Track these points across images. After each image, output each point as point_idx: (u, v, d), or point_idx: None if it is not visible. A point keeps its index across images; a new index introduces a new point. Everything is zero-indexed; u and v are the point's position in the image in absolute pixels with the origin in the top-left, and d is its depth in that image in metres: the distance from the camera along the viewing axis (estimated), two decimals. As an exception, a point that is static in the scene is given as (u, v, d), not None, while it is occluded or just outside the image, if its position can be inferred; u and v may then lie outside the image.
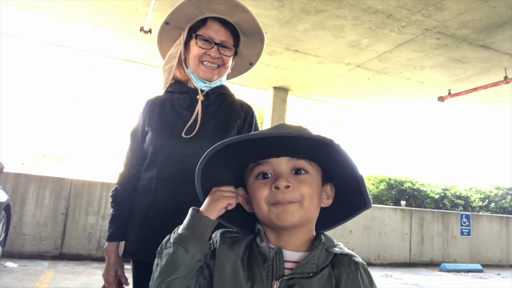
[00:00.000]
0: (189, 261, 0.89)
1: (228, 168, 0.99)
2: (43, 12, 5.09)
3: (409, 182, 10.16)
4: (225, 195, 0.96)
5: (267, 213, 0.91)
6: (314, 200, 0.93)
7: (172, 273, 0.89)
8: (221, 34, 1.46)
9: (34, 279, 4.41)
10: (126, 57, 6.61)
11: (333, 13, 4.66)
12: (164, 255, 0.91)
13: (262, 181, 0.93)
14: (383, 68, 6.26)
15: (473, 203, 10.55)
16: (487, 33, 4.88)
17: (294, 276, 0.87)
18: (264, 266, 0.90)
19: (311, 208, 0.92)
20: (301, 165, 0.93)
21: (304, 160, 0.93)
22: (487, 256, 8.92)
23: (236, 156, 0.95)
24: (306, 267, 0.88)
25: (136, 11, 4.86)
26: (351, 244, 7.59)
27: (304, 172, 0.93)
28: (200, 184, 0.99)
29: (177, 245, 0.90)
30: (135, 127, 1.54)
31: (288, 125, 0.95)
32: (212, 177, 0.99)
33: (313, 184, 0.93)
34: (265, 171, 0.93)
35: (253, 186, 0.95)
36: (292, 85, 7.45)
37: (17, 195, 5.69)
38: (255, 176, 0.95)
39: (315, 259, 0.89)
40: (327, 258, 0.91)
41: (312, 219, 0.96)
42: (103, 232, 6.02)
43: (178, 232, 0.93)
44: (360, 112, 11.79)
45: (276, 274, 0.89)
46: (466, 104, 7.79)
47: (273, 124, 7.50)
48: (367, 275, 0.90)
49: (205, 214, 0.94)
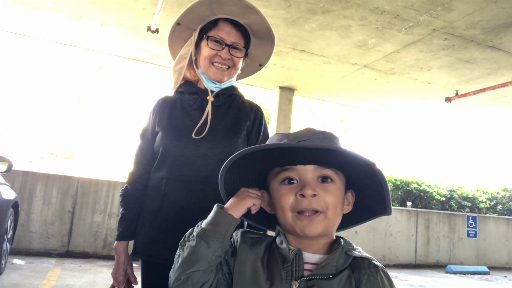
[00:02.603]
0: (210, 255, 0.91)
1: (252, 170, 0.99)
2: (51, 12, 5.13)
3: (415, 183, 10.11)
4: (251, 196, 0.98)
5: (291, 222, 0.92)
6: (338, 210, 0.94)
7: (193, 266, 0.91)
8: (232, 36, 1.46)
9: (41, 276, 4.44)
10: (133, 56, 6.64)
11: (340, 13, 4.65)
12: (187, 247, 0.93)
13: (288, 187, 0.93)
14: (390, 69, 6.24)
15: (480, 204, 10.48)
16: (496, 33, 4.84)
17: (314, 277, 0.88)
18: (284, 267, 0.91)
19: (335, 218, 0.94)
20: (327, 174, 0.93)
21: (330, 169, 0.93)
22: (494, 258, 8.85)
23: (263, 160, 0.95)
24: (325, 269, 0.89)
25: (143, 10, 4.88)
26: (357, 245, 7.45)
27: (330, 181, 0.93)
28: (223, 184, 1.00)
29: (200, 239, 0.92)
30: (145, 127, 1.54)
31: (314, 130, 0.95)
32: (234, 178, 1.00)
33: (338, 194, 0.93)
34: (291, 176, 0.93)
35: (278, 191, 0.95)
36: (298, 85, 7.44)
37: (25, 193, 5.74)
38: (280, 181, 0.95)
39: (334, 261, 0.90)
40: (347, 261, 0.92)
41: (334, 227, 0.97)
42: (109, 231, 6.06)
43: (201, 227, 0.95)
44: (366, 113, 11.75)
45: (295, 275, 0.90)
46: (474, 105, 7.73)
47: (279, 124, 7.51)
48: (387, 278, 0.91)
49: (229, 212, 0.96)
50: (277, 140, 0.94)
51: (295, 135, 0.93)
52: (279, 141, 0.93)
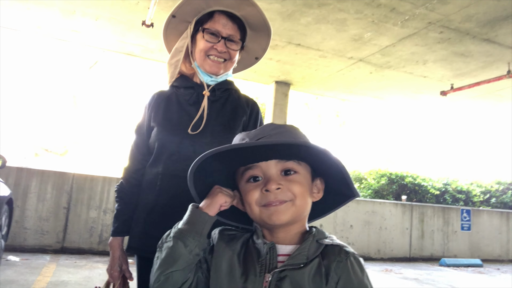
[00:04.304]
0: (188, 254, 0.93)
1: (219, 171, 1.02)
2: (44, 6, 5.06)
3: (410, 177, 10.16)
4: (223, 193, 1.00)
5: (259, 214, 0.95)
6: (305, 197, 0.96)
7: (171, 266, 0.93)
8: (228, 28, 1.44)
9: (36, 272, 4.42)
10: (128, 51, 6.58)
11: (336, 7, 4.63)
12: (164, 248, 0.95)
13: (253, 184, 0.96)
14: (386, 62, 6.24)
15: (474, 197, 10.56)
16: (491, 26, 4.84)
17: (285, 268, 0.90)
18: (258, 261, 0.94)
19: (303, 205, 0.96)
20: (290, 166, 0.96)
21: (292, 161, 0.95)
22: (487, 251, 8.94)
23: (226, 160, 0.97)
24: (296, 259, 0.91)
25: (137, 5, 4.84)
26: (352, 238, 7.60)
27: (294, 173, 0.95)
28: (193, 186, 1.01)
29: (177, 239, 0.94)
30: (140, 122, 1.52)
31: (275, 124, 0.98)
32: (204, 179, 1.01)
33: (303, 183, 0.96)
34: (255, 174, 0.96)
35: (244, 190, 0.98)
36: (294, 79, 7.42)
37: (20, 189, 5.70)
38: (246, 180, 0.98)
39: (305, 251, 0.92)
40: (318, 249, 0.93)
41: (304, 215, 0.99)
42: (105, 226, 6.04)
43: (178, 227, 0.97)
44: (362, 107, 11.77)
45: (268, 268, 0.92)
46: (469, 98, 7.76)
47: (275, 119, 7.49)
48: (358, 263, 0.91)
49: (204, 210, 0.98)
50: (239, 140, 0.98)
51: (255, 133, 0.96)
52: (241, 141, 0.96)
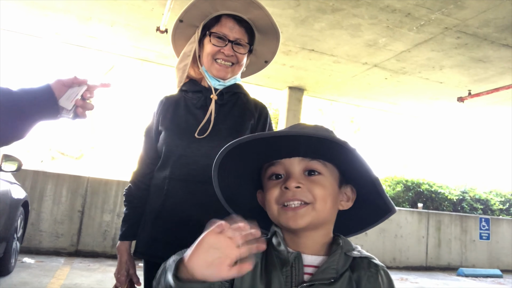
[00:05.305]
0: None
1: (243, 170, 0.96)
2: (62, 13, 5.17)
3: (426, 184, 9.97)
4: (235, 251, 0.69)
5: (277, 215, 0.88)
6: (328, 202, 0.88)
7: None
8: (235, 32, 1.43)
9: (50, 275, 4.47)
10: (143, 56, 6.66)
11: (350, 12, 4.59)
12: None
13: (274, 182, 0.90)
14: (401, 68, 6.15)
15: (493, 206, 10.29)
16: (510, 32, 4.73)
17: (315, 283, 0.83)
18: (283, 271, 0.86)
19: (325, 211, 0.88)
20: (313, 166, 0.89)
21: (317, 160, 0.89)
22: (507, 261, 8.67)
23: (249, 157, 0.92)
24: (326, 273, 0.84)
25: (152, 11, 4.89)
26: (366, 246, 7.48)
27: (317, 174, 0.89)
28: (218, 186, 0.96)
29: None
30: (149, 126, 1.53)
31: (304, 124, 0.91)
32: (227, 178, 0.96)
33: (327, 186, 0.88)
34: (277, 172, 0.91)
35: (266, 187, 0.93)
36: (307, 85, 7.39)
37: (35, 192, 5.80)
38: (268, 177, 0.93)
39: (334, 264, 0.85)
40: (346, 262, 0.87)
41: (327, 222, 0.92)
42: (118, 230, 6.04)
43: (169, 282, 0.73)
44: (377, 113, 11.64)
45: (295, 280, 0.85)
46: (487, 104, 7.59)
47: (288, 124, 7.45)
48: (387, 277, 0.87)
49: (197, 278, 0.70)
50: None
51: (282, 130, 0.90)
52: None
